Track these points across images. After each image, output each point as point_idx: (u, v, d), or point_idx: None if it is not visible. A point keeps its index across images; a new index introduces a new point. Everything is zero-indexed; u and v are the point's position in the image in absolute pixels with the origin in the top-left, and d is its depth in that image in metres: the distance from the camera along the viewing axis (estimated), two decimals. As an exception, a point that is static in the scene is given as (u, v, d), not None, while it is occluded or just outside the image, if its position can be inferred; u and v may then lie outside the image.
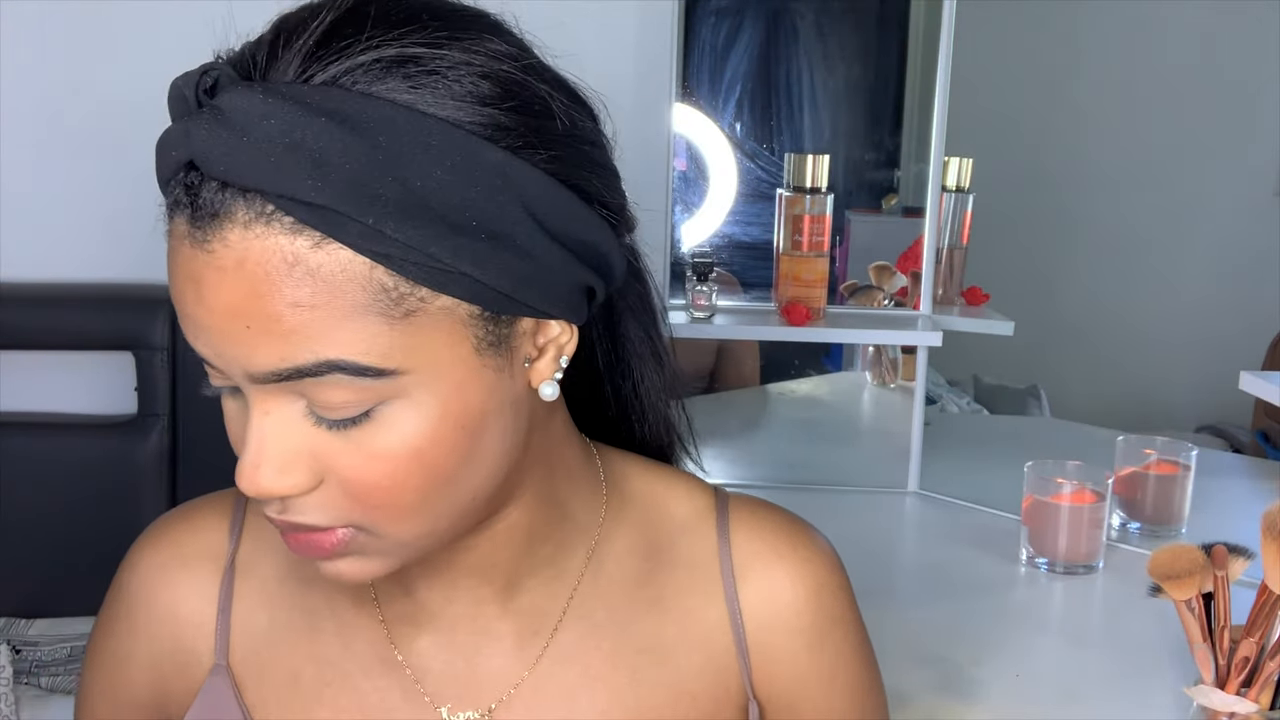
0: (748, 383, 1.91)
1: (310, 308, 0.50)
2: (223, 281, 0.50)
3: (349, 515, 0.56)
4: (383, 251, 0.50)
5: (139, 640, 0.70)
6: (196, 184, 0.51)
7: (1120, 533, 1.45)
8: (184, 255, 0.52)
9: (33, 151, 1.49)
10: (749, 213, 1.75)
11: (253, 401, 0.54)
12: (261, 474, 0.54)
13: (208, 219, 0.51)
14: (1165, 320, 2.02)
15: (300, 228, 0.50)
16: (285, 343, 0.51)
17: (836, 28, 1.87)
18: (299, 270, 0.50)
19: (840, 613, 0.71)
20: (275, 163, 0.49)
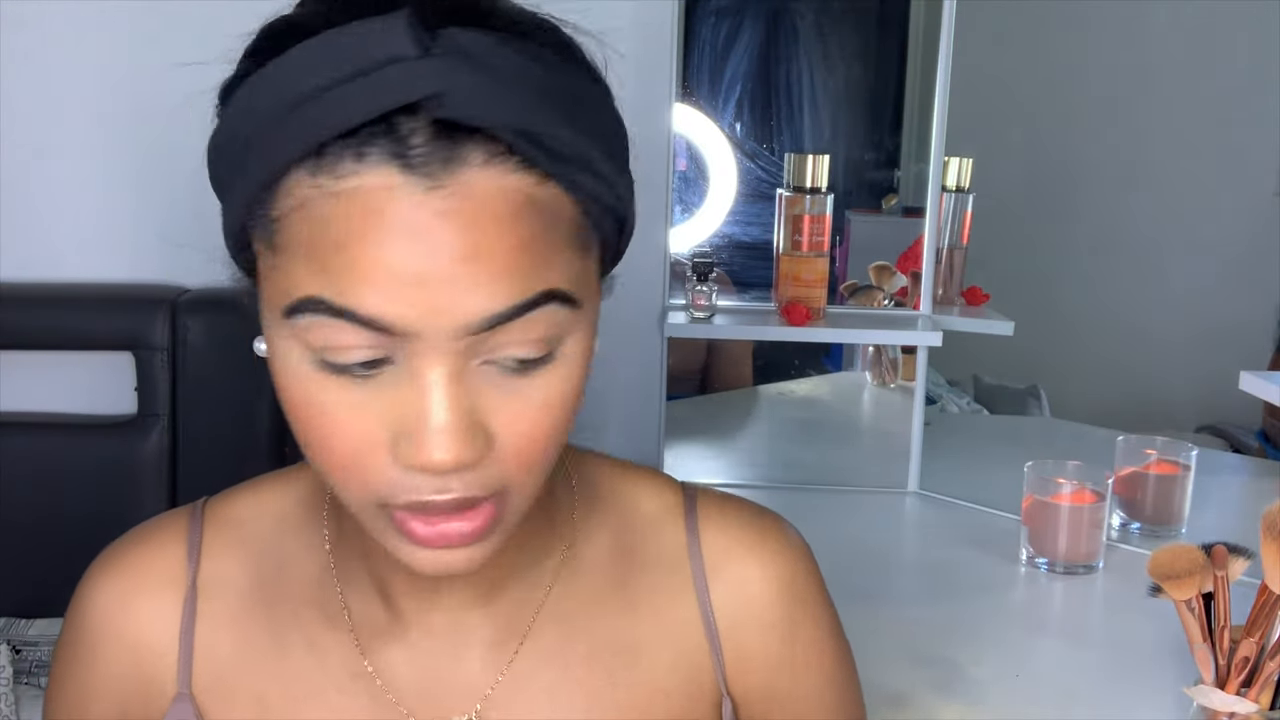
0: (742, 383, 1.91)
1: (540, 241, 0.51)
2: (461, 225, 0.49)
3: (500, 480, 0.54)
4: (588, 190, 0.53)
5: (101, 674, 0.68)
6: (419, 127, 0.49)
7: (1120, 533, 1.45)
8: (401, 205, 0.49)
9: (33, 151, 1.49)
10: (749, 213, 1.75)
11: (436, 365, 0.51)
12: (459, 439, 0.51)
13: (438, 162, 0.49)
14: (1165, 320, 2.01)
15: (527, 165, 0.51)
16: (513, 280, 0.50)
17: (836, 28, 1.87)
18: (531, 206, 0.51)
19: (811, 604, 0.71)
20: (521, 101, 0.50)
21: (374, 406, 0.52)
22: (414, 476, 0.52)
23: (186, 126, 1.68)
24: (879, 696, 0.81)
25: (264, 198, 0.52)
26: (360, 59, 0.49)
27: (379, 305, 0.49)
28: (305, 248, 0.50)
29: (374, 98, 0.48)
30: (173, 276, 1.51)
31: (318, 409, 0.53)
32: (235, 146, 0.53)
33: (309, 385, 0.53)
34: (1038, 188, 1.94)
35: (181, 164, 1.59)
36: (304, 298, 0.51)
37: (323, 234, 0.50)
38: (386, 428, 0.52)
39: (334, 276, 0.50)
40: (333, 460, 0.54)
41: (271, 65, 0.51)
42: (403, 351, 0.51)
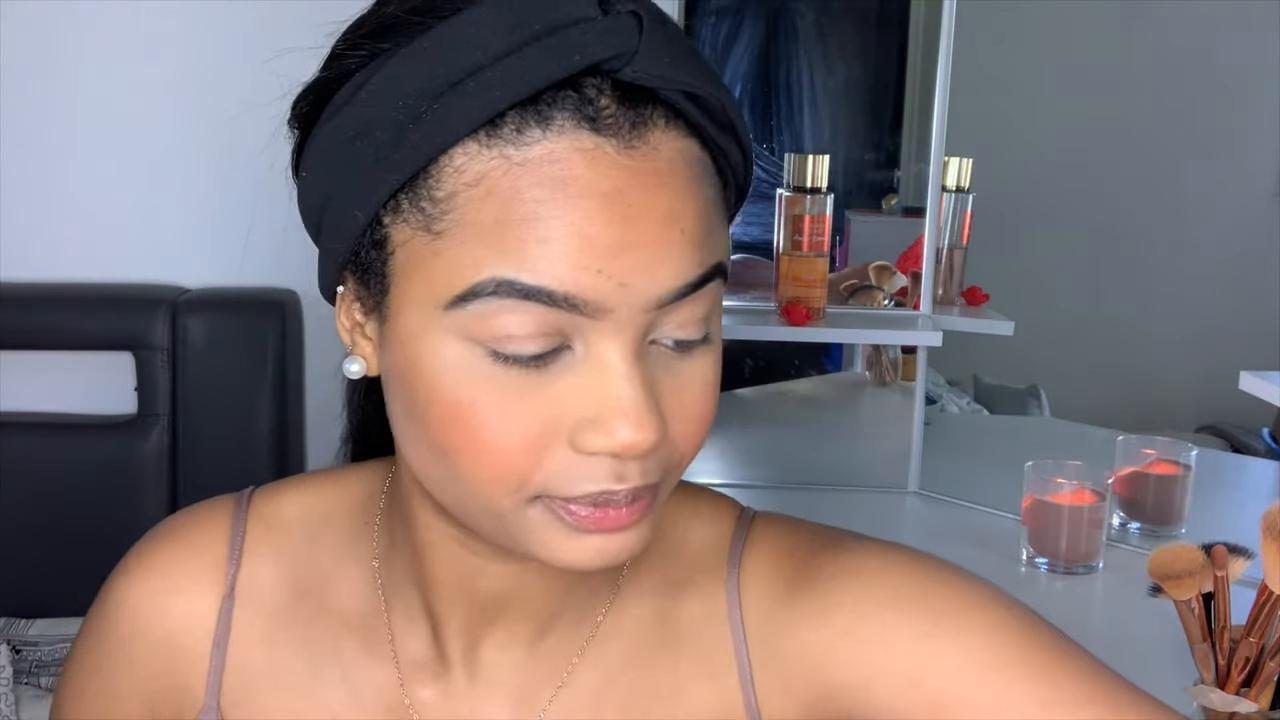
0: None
1: (714, 207, 0.51)
2: (659, 185, 0.47)
3: (666, 464, 0.52)
4: (732, 158, 0.53)
5: (134, 676, 0.64)
6: (604, 88, 0.47)
7: (1120, 533, 1.45)
8: (599, 168, 0.46)
9: (33, 152, 1.49)
10: (749, 213, 1.75)
11: (622, 346, 0.48)
12: (653, 418, 0.48)
13: (627, 125, 0.47)
14: (1165, 320, 2.01)
15: (696, 128, 0.50)
16: (702, 247, 0.49)
17: (836, 28, 1.87)
18: (706, 171, 0.51)
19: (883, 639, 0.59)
20: (695, 63, 0.49)
21: (549, 396, 0.49)
22: (595, 464, 0.49)
23: (188, 127, 1.69)
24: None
25: (421, 181, 0.48)
26: (533, 23, 0.46)
27: (576, 280, 0.46)
28: (485, 225, 0.47)
29: (560, 60, 0.46)
30: (173, 276, 1.51)
31: (483, 406, 0.49)
32: (382, 128, 0.49)
33: (472, 381, 0.49)
34: (1038, 188, 1.94)
35: (183, 164, 1.59)
36: (485, 279, 0.47)
37: (508, 207, 0.46)
38: (564, 417, 0.49)
39: (525, 253, 0.46)
40: (494, 458, 0.49)
41: (427, 37, 0.48)
42: (581, 335, 0.48)
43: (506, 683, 0.62)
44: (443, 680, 0.62)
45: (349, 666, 0.63)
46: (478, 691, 0.62)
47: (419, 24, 0.49)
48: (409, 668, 0.62)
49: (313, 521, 0.65)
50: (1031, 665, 0.56)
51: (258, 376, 1.43)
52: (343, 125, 0.50)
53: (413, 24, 0.49)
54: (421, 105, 0.47)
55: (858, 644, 0.58)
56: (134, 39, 1.48)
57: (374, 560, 0.64)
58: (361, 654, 0.63)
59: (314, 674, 0.63)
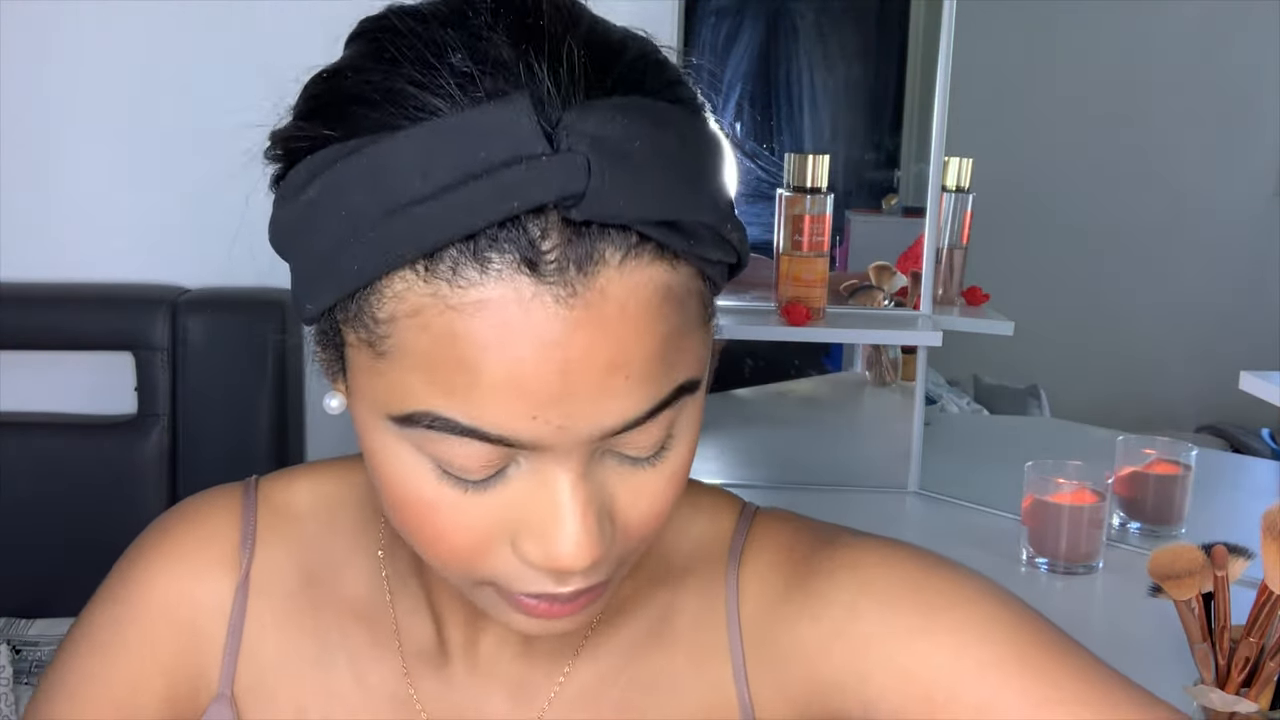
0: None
1: (675, 336, 0.47)
2: (602, 334, 0.44)
3: (623, 554, 0.52)
4: (714, 259, 0.48)
5: (158, 658, 0.64)
6: (549, 228, 0.44)
7: (1120, 533, 1.44)
8: (534, 319, 0.43)
9: (34, 152, 1.49)
10: (749, 213, 1.75)
11: (567, 470, 0.47)
12: (593, 541, 0.48)
13: (574, 269, 0.43)
14: (1165, 320, 2.01)
15: (661, 251, 0.46)
16: (654, 383, 0.47)
17: (836, 28, 1.87)
18: (671, 298, 0.46)
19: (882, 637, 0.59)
20: (663, 189, 0.45)
21: (495, 504, 0.49)
22: (537, 572, 0.50)
23: (188, 126, 1.69)
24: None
25: (364, 296, 0.46)
26: (478, 153, 0.43)
27: (510, 425, 0.45)
28: (421, 359, 0.45)
29: (499, 203, 0.43)
30: (173, 276, 1.51)
31: (430, 509, 0.49)
32: (326, 232, 0.46)
33: (420, 487, 0.49)
34: (1038, 188, 1.93)
35: (183, 164, 1.59)
36: (421, 411, 0.46)
37: (443, 348, 0.45)
38: (508, 523, 0.49)
39: (459, 396, 0.45)
40: (442, 550, 0.51)
41: (368, 153, 0.45)
42: (528, 457, 0.48)
43: (506, 675, 0.63)
44: (444, 671, 0.63)
45: (355, 655, 0.64)
46: (478, 682, 0.63)
47: (370, 124, 0.46)
48: (412, 658, 0.64)
49: (323, 510, 0.66)
50: (1028, 662, 0.56)
51: (258, 376, 1.43)
52: (294, 211, 0.48)
53: (364, 122, 0.46)
54: (363, 224, 0.45)
55: (852, 640, 0.58)
56: (134, 39, 1.48)
57: (379, 551, 0.65)
58: (367, 644, 0.64)
59: (322, 662, 0.64)
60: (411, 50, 0.46)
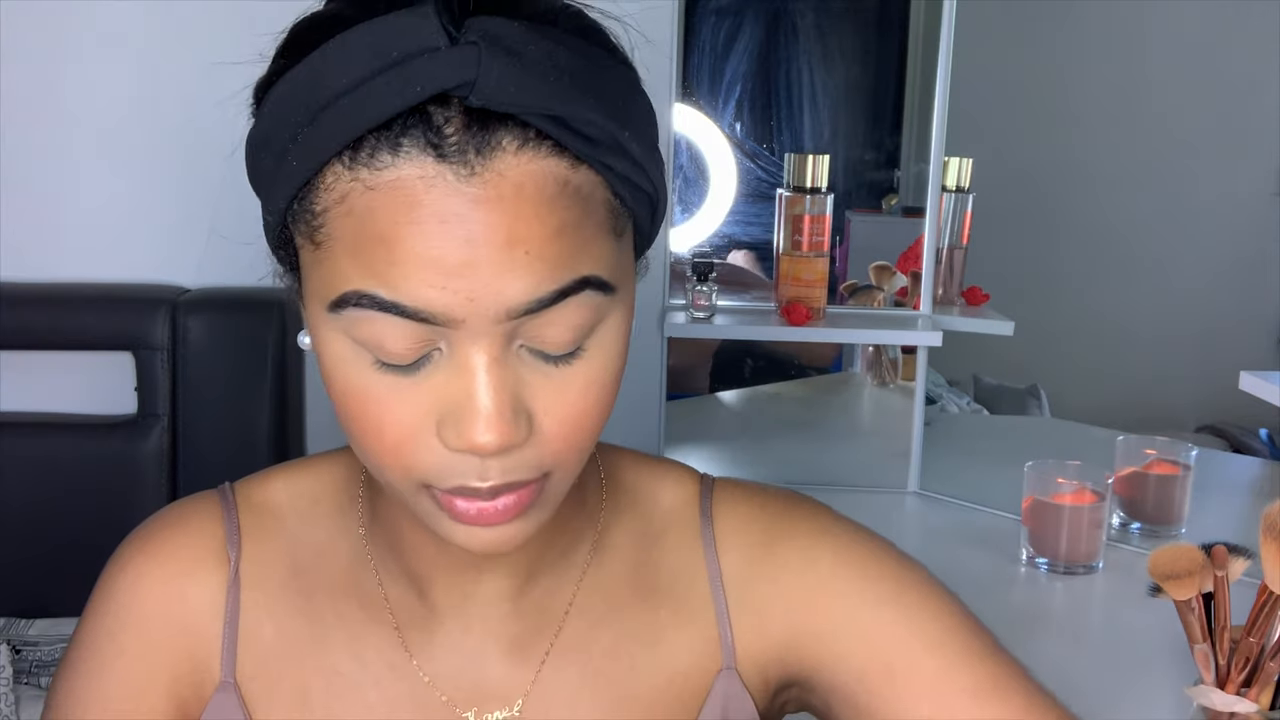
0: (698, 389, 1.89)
1: (576, 227, 0.52)
2: (500, 211, 0.50)
3: (541, 463, 0.55)
4: (620, 172, 0.53)
5: (159, 662, 0.66)
6: (452, 116, 0.50)
7: (1120, 533, 1.45)
8: (439, 194, 0.49)
9: (33, 152, 1.49)
10: (749, 213, 1.75)
11: (481, 351, 0.52)
12: (505, 422, 0.52)
13: (473, 151, 0.49)
14: (1165, 320, 2.02)
15: (560, 150, 0.51)
16: (555, 265, 0.51)
17: (836, 28, 1.87)
18: (568, 190, 0.51)
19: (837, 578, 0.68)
20: (551, 87, 0.50)
21: (421, 393, 0.53)
22: (459, 460, 0.53)
23: (187, 126, 1.69)
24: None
25: (305, 194, 0.52)
26: (390, 51, 0.49)
27: (423, 296, 0.50)
28: (348, 242, 0.51)
29: (405, 89, 0.49)
30: (173, 276, 1.51)
31: (366, 398, 0.54)
32: (273, 145, 0.53)
33: (357, 376, 0.54)
34: (1038, 188, 1.94)
35: (182, 164, 1.59)
36: (350, 291, 0.51)
37: (364, 228, 0.50)
38: (433, 413, 0.53)
39: (378, 270, 0.50)
40: (380, 445, 0.54)
41: (304, 63, 0.51)
42: (447, 340, 0.52)
43: (500, 633, 0.67)
44: (438, 636, 0.67)
45: (351, 633, 0.67)
46: (473, 642, 0.67)
47: (307, 43, 0.52)
48: (406, 627, 0.67)
49: (302, 503, 0.69)
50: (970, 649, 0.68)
51: (258, 376, 1.43)
52: (255, 134, 0.55)
53: (303, 43, 0.52)
54: (299, 127, 0.51)
55: (832, 597, 0.67)
56: (134, 39, 1.48)
57: (360, 529, 0.68)
58: (361, 619, 0.67)
59: (320, 642, 0.67)
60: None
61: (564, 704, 0.67)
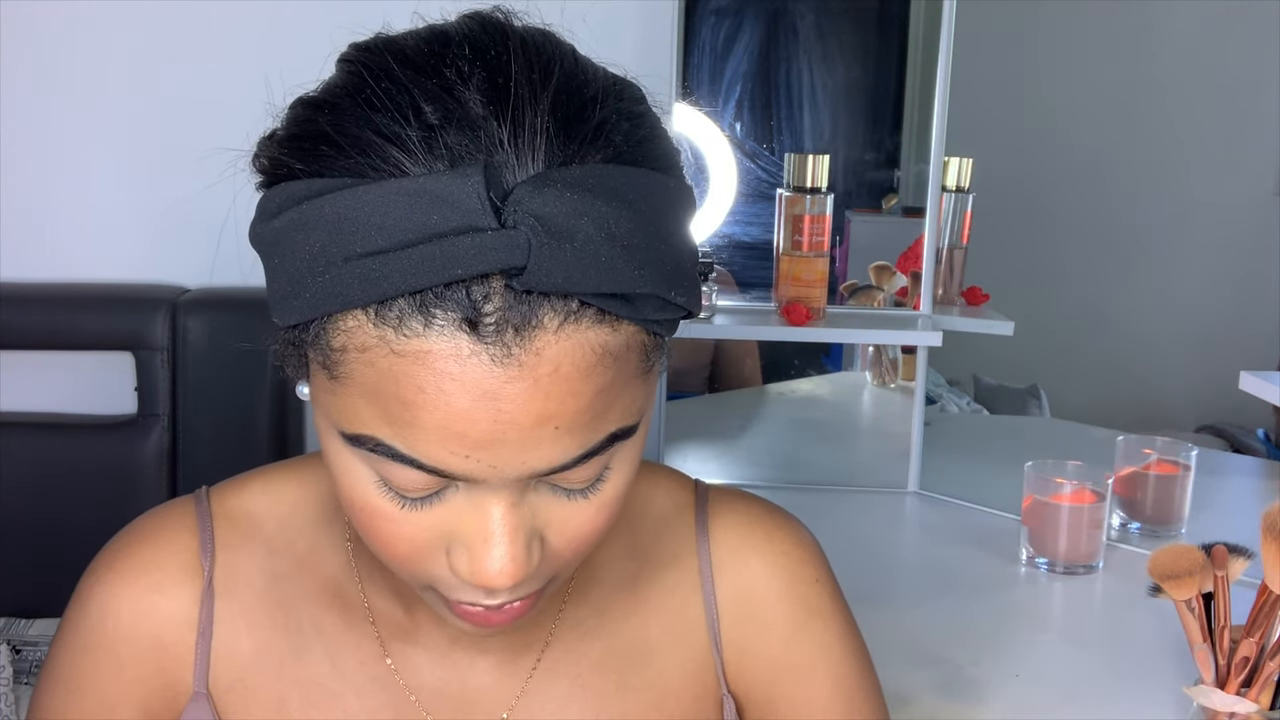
0: (748, 383, 1.91)
1: (609, 389, 0.50)
2: (535, 392, 0.47)
3: (554, 570, 0.56)
4: (660, 319, 0.51)
5: (128, 680, 0.65)
6: (491, 294, 0.46)
7: (1120, 533, 1.45)
8: (470, 373, 0.47)
9: (33, 152, 1.49)
10: (749, 213, 1.75)
11: (499, 500, 0.51)
12: (518, 564, 0.52)
13: (512, 331, 0.47)
14: (1165, 320, 2.01)
15: (603, 316, 0.49)
16: (585, 432, 0.50)
17: (836, 28, 1.87)
18: (606, 358, 0.49)
19: (817, 605, 0.71)
20: (603, 267, 0.47)
21: (434, 518, 0.53)
22: (468, 585, 0.54)
23: (188, 127, 1.69)
24: (879, 696, 0.81)
25: (322, 324, 0.50)
26: (430, 218, 0.45)
27: (444, 460, 0.49)
28: (369, 390, 0.49)
29: (444, 268, 0.45)
30: (173, 276, 1.51)
31: (375, 514, 0.53)
32: (287, 266, 0.49)
33: (368, 496, 0.53)
34: (1038, 188, 1.93)
35: (182, 164, 1.59)
36: (366, 435, 0.50)
37: (386, 385, 0.48)
38: (445, 536, 0.53)
39: (399, 428, 0.49)
40: (390, 555, 0.55)
41: (329, 200, 0.47)
42: (464, 484, 0.51)
43: (486, 646, 0.66)
44: (423, 647, 0.66)
45: (331, 643, 0.66)
46: (459, 656, 0.66)
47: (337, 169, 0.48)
48: (390, 639, 0.66)
49: (281, 509, 0.68)
50: None
51: (258, 376, 1.43)
52: (266, 233, 0.50)
53: (333, 165, 0.48)
54: (320, 265, 0.47)
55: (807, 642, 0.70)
56: (134, 39, 1.48)
57: (347, 541, 0.67)
58: (342, 629, 0.66)
59: (299, 654, 0.66)
60: (386, 96, 0.48)
61: (550, 717, 0.66)
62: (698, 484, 0.73)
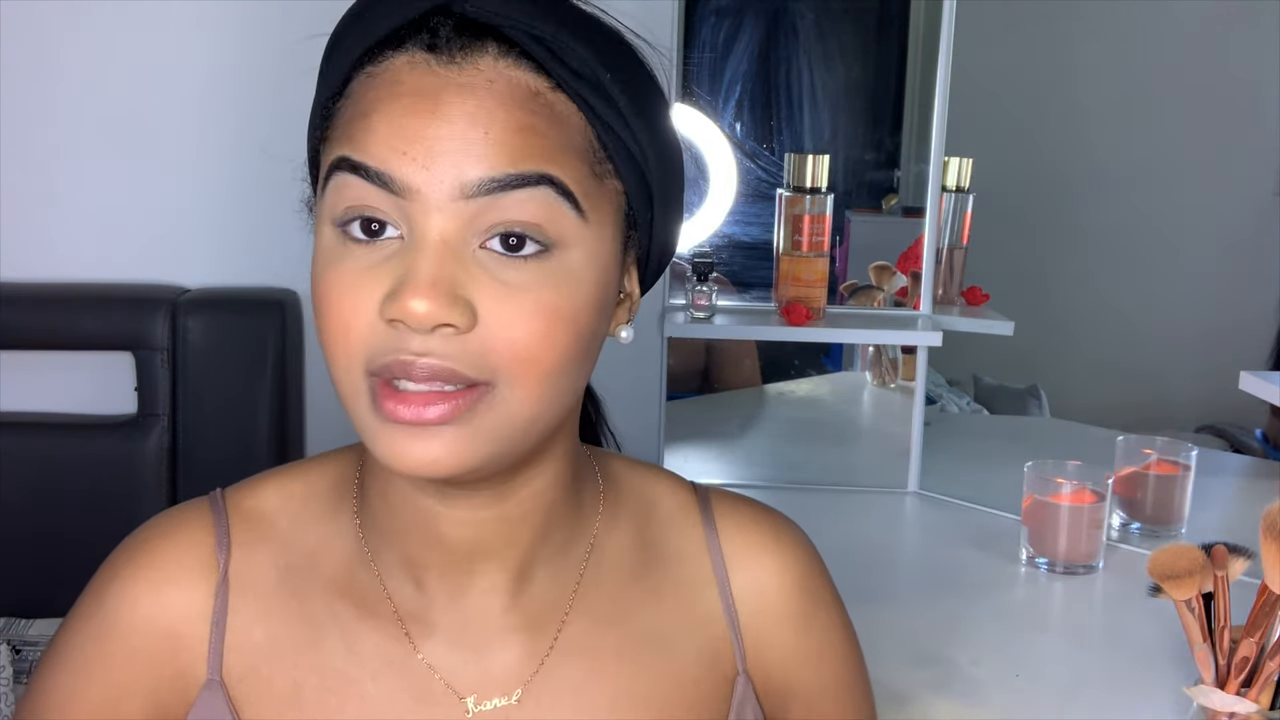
0: (747, 383, 1.91)
1: (542, 133, 0.56)
2: (469, 95, 0.55)
3: (488, 369, 0.56)
4: (599, 113, 0.58)
5: (138, 669, 0.66)
6: (447, 24, 0.57)
7: (1120, 533, 1.45)
8: (419, 75, 0.56)
9: (33, 152, 1.49)
10: (749, 213, 1.75)
11: (433, 228, 0.55)
12: (437, 293, 0.54)
13: (459, 49, 0.56)
14: (1165, 320, 2.01)
15: (540, 70, 0.57)
16: (511, 154, 0.55)
17: (836, 28, 1.87)
18: (539, 100, 0.57)
19: (823, 597, 0.75)
20: (540, 9, 0.57)
21: (377, 275, 0.56)
22: (397, 334, 0.55)
23: (186, 127, 1.69)
24: (879, 696, 0.81)
25: (331, 102, 0.59)
26: None
27: (386, 159, 0.55)
28: (343, 123, 0.58)
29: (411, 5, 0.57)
30: (173, 276, 1.51)
31: (330, 285, 0.57)
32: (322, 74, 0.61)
33: (328, 263, 0.57)
34: (1038, 188, 1.93)
35: (183, 164, 1.59)
36: (333, 159, 0.57)
37: (356, 107, 0.57)
38: (382, 290, 0.55)
39: (355, 137, 0.56)
40: (334, 328, 0.57)
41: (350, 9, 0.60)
42: (406, 219, 0.55)
43: (502, 626, 0.67)
44: (439, 626, 0.67)
45: (346, 629, 0.67)
46: (473, 634, 0.67)
47: None
48: (406, 618, 0.67)
49: (293, 505, 0.70)
50: None
51: (258, 376, 1.43)
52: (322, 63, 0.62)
53: None
54: (330, 52, 0.60)
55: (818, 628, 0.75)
56: (134, 39, 1.48)
57: (355, 520, 0.69)
58: (357, 616, 0.67)
59: (315, 642, 0.67)
60: None
61: (567, 695, 0.68)
62: (696, 485, 0.76)
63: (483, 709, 0.67)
